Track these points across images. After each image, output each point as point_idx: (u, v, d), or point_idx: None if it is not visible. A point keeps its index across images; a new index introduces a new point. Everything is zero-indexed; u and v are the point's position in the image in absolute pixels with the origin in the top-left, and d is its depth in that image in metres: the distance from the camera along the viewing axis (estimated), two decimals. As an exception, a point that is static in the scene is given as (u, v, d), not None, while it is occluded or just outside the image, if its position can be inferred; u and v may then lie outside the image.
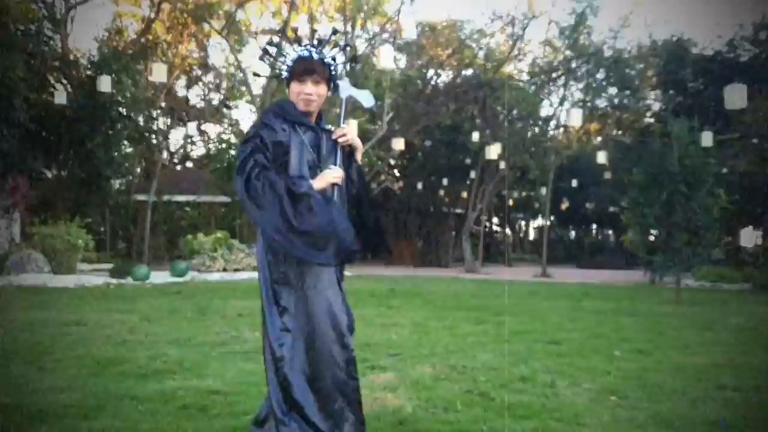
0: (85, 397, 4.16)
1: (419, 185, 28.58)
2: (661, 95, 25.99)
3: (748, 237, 25.22)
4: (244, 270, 15.93)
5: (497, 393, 4.54)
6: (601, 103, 25.80)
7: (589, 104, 25.13)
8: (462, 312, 9.62)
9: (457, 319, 8.65)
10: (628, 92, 25.32)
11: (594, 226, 41.10)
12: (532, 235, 45.63)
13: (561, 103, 25.04)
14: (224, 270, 15.76)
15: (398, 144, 21.34)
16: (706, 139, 11.59)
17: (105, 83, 15.51)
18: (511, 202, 32.88)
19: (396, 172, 30.26)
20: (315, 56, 3.11)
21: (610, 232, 39.54)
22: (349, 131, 3.14)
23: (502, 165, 22.72)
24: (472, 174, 25.50)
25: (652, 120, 25.18)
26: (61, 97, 16.27)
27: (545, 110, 26.77)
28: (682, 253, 11.11)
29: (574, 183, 28.23)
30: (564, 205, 35.40)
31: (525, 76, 25.95)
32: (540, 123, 26.20)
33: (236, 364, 5.32)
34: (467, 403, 4.28)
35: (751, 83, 21.73)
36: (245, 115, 53.06)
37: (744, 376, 5.32)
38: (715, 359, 6.08)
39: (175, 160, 35.05)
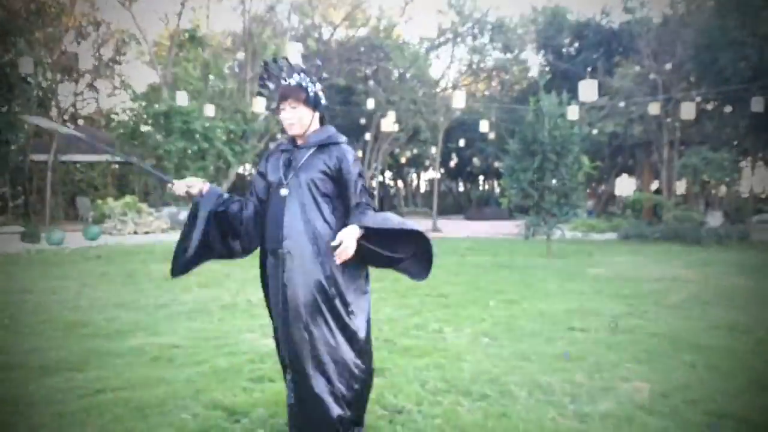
0: (70, 354, 5.11)
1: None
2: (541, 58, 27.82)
3: (625, 185, 27.76)
4: (153, 233, 16.55)
5: (398, 339, 5.77)
6: (486, 64, 27.37)
7: (474, 66, 26.68)
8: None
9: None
10: (510, 55, 27.00)
11: (481, 179, 43.19)
12: (423, 188, 47.46)
13: (449, 66, 26.52)
14: (135, 233, 16.33)
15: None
16: (572, 112, 13.15)
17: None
18: (404, 160, 34.29)
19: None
20: (293, 81, 3.33)
21: (496, 184, 41.74)
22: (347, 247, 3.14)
23: (396, 127, 23.93)
24: (368, 136, 26.63)
25: (532, 78, 26.86)
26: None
27: (435, 73, 28.11)
28: (552, 212, 12.78)
29: (462, 143, 29.79)
30: (453, 162, 37.15)
31: (416, 39, 27.18)
32: (430, 84, 27.53)
33: (182, 323, 6.34)
34: (376, 347, 5.47)
35: (620, 49, 23.89)
36: (138, 72, 51.67)
37: (590, 319, 6.78)
38: (570, 306, 7.56)
39: (65, 118, 34.36)
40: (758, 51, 17.55)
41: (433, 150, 26.09)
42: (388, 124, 21.14)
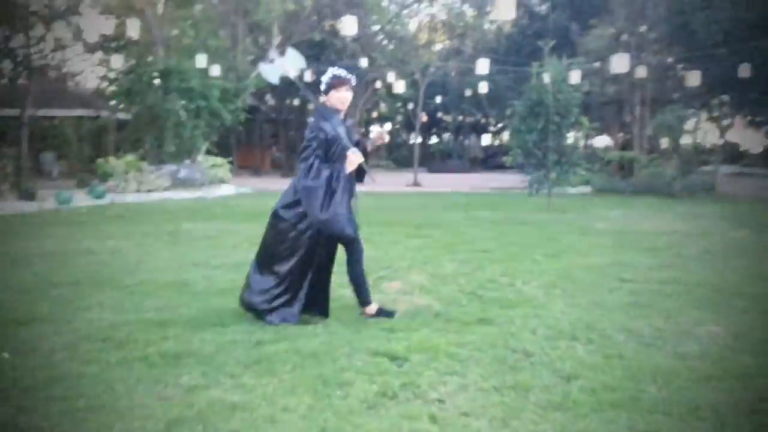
0: (201, 312, 5.59)
1: (296, 101, 29.65)
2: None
3: (601, 142, 29.00)
4: (156, 191, 16.85)
5: (482, 291, 6.49)
6: (458, 22, 27.86)
7: (445, 24, 27.17)
8: (395, 227, 11.43)
9: (398, 234, 10.51)
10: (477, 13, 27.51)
11: (448, 134, 43.88)
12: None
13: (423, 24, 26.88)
14: (138, 191, 16.61)
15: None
16: (575, 76, 13.93)
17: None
18: (375, 115, 34.72)
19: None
20: (344, 73, 5.15)
21: (461, 138, 42.47)
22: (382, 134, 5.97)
23: (378, 84, 24.39)
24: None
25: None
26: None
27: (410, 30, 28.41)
28: (554, 170, 13.65)
29: (438, 99, 30.39)
30: (424, 118, 37.74)
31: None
32: (407, 42, 27.88)
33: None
34: (468, 299, 6.20)
35: (593, 12, 24.64)
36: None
37: (631, 271, 7.60)
38: (605, 260, 8.38)
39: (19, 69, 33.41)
40: (729, 14, 18.54)
41: (411, 106, 26.66)
42: (400, 86, 21.86)
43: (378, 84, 25.31)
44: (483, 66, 19.49)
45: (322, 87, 5.13)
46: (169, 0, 16.95)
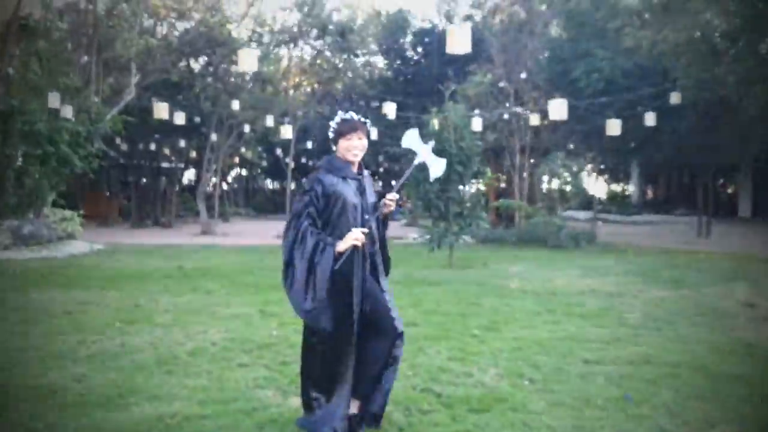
0: None
1: (152, 145, 27.40)
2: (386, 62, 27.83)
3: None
4: None
5: (438, 387, 5.17)
6: (331, 65, 26.88)
7: (318, 67, 26.14)
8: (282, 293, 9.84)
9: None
10: (354, 57, 26.76)
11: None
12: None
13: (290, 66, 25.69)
14: None
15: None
16: (477, 123, 13.13)
17: None
18: (237, 160, 32.99)
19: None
20: (356, 117, 4.10)
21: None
22: (394, 200, 4.11)
23: (247, 128, 22.85)
24: (214, 136, 25.08)
25: (379, 86, 26.85)
26: None
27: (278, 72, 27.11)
28: (457, 223, 12.65)
29: (309, 144, 29.17)
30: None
31: (266, 37, 26.00)
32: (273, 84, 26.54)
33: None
34: (429, 402, 4.86)
35: (470, 57, 24.40)
36: None
37: (586, 347, 6.56)
38: (542, 333, 7.33)
39: None
40: (609, 63, 18.73)
41: (279, 152, 25.25)
42: (288, 133, 20.35)
43: (246, 128, 23.74)
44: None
45: (330, 134, 4.14)
46: (10, 33, 14.60)
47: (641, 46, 16.84)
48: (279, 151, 28.16)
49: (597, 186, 45.57)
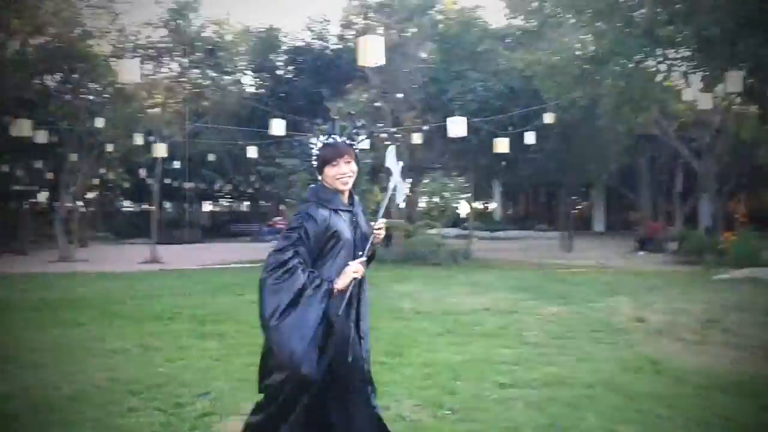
0: None
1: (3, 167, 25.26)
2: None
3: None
4: None
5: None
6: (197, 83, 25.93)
7: (188, 84, 25.18)
8: (171, 324, 9.15)
9: (179, 335, 8.33)
10: (223, 75, 25.97)
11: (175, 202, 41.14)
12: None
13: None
14: None
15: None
16: (365, 142, 12.91)
17: None
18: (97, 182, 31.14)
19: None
20: (339, 139, 3.50)
21: (194, 206, 39.97)
22: (384, 227, 3.59)
23: (111, 147, 21.53)
24: (73, 156, 23.36)
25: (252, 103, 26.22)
26: None
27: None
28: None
29: (177, 164, 27.97)
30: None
31: (128, 54, 24.62)
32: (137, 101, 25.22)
33: None
34: None
35: (345, 77, 24.31)
36: None
37: (493, 369, 6.44)
38: (455, 355, 7.16)
39: None
40: (482, 85, 19.17)
41: (143, 172, 23.93)
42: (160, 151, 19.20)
43: (110, 147, 22.30)
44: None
45: (314, 162, 3.55)
46: None
47: (515, 68, 17.34)
48: (143, 172, 26.70)
49: (462, 204, 46.88)
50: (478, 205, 43.51)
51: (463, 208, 29.45)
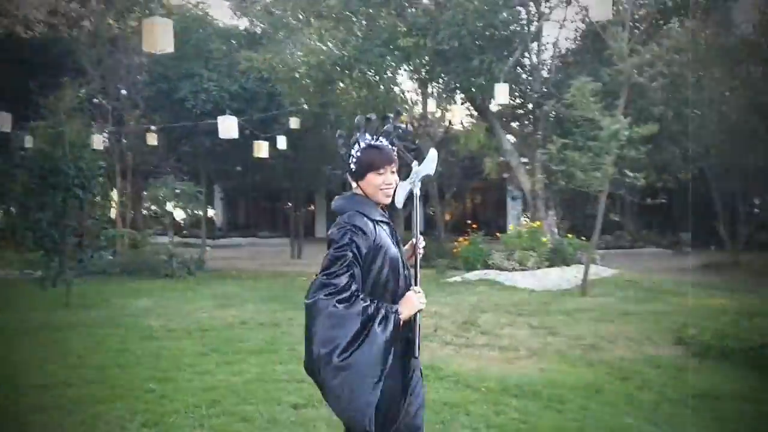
0: None
1: None
2: None
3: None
4: None
5: None
6: None
7: None
8: None
9: None
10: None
11: None
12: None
13: None
14: None
15: None
16: (97, 142, 11.47)
17: None
18: None
19: None
20: (386, 143, 2.88)
21: None
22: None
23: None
24: None
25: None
26: None
27: None
28: (77, 255, 10.82)
29: None
30: None
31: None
32: None
33: None
34: None
35: (59, 69, 21.71)
36: None
37: (296, 389, 5.99)
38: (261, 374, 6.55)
39: None
40: (216, 85, 18.37)
41: None
42: None
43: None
44: None
45: (353, 166, 2.86)
46: None
47: (253, 69, 16.84)
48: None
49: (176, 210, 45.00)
50: (199, 211, 42.20)
51: (178, 214, 28.16)
